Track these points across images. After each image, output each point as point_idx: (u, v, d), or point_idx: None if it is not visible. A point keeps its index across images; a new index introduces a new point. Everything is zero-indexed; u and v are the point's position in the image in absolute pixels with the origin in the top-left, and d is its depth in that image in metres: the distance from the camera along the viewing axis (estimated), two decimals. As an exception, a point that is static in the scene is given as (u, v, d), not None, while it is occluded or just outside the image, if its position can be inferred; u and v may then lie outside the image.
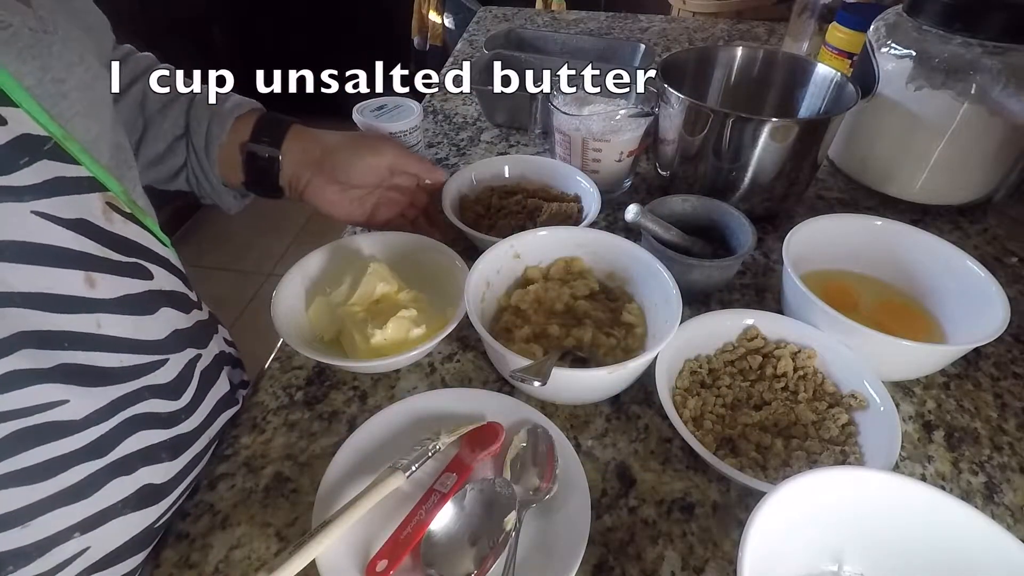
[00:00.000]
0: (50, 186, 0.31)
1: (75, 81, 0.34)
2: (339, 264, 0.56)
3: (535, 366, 0.43)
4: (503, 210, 0.65)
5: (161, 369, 0.39)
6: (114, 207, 0.35)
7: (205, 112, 0.52)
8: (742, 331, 0.51)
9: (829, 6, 0.89)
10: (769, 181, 0.63)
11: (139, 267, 0.37)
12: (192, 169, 0.54)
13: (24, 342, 0.31)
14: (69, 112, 0.34)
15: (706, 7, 1.57)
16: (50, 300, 0.31)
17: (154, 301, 0.38)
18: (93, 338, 0.34)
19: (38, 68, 0.32)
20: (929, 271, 0.55)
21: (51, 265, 0.31)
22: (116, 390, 0.36)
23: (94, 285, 0.33)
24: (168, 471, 0.40)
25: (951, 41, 0.61)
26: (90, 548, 0.36)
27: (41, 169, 0.30)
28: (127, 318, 0.36)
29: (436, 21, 1.78)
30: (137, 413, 0.38)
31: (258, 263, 2.03)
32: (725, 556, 0.40)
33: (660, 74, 0.64)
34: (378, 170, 0.56)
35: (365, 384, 0.51)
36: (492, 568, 0.37)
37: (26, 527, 0.33)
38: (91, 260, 0.33)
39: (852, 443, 0.44)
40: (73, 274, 0.32)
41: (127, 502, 0.38)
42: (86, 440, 0.34)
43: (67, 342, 0.33)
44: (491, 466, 0.43)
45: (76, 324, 0.33)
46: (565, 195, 0.66)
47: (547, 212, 0.62)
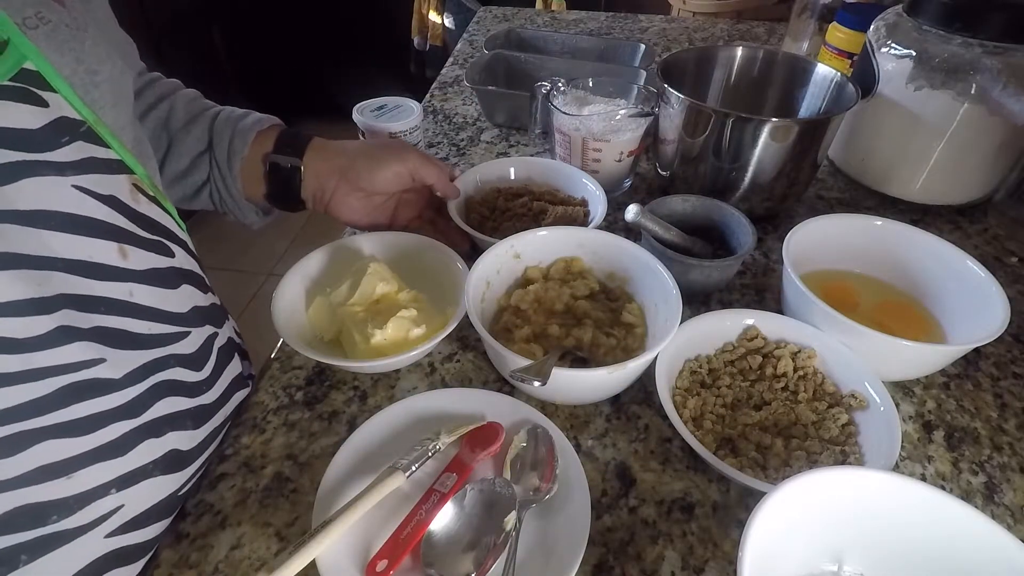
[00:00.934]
0: (86, 164, 0.34)
1: (105, 74, 0.38)
2: (339, 264, 0.56)
3: (535, 366, 0.43)
4: (508, 212, 0.64)
5: (184, 340, 0.42)
6: (139, 188, 0.38)
7: (227, 127, 0.54)
8: (742, 331, 0.51)
9: (829, 6, 0.89)
10: (769, 181, 0.63)
11: (162, 245, 0.40)
12: (215, 184, 0.56)
13: (65, 303, 0.33)
14: (101, 101, 0.37)
15: (706, 7, 1.57)
16: (88, 267, 0.34)
17: (177, 277, 0.41)
18: (126, 305, 0.37)
19: (74, 60, 0.35)
20: (929, 271, 0.55)
21: (89, 235, 0.34)
22: (147, 354, 0.38)
23: (126, 256, 0.36)
24: (192, 439, 0.43)
25: (951, 41, 0.61)
26: (124, 506, 0.38)
27: (78, 148, 0.34)
28: (155, 289, 0.39)
29: (436, 21, 1.78)
30: (165, 379, 0.40)
31: (258, 263, 2.03)
32: (725, 556, 0.40)
33: (660, 74, 0.64)
34: (402, 177, 0.57)
35: (365, 384, 0.51)
36: (492, 568, 0.37)
37: (69, 479, 0.35)
38: (123, 233, 0.36)
39: (852, 443, 0.44)
40: (108, 245, 0.35)
41: (157, 464, 0.39)
42: (122, 400, 0.37)
43: (103, 307, 0.35)
44: (491, 466, 0.43)
45: (111, 291, 0.36)
46: (572, 198, 0.66)
47: (552, 215, 0.62)
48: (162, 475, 0.40)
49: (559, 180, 0.68)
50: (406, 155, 0.57)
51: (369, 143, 0.59)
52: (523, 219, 0.63)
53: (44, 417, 0.33)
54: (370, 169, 0.56)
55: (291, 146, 0.55)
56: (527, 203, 0.64)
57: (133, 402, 0.37)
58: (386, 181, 0.56)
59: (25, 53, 0.31)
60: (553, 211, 0.62)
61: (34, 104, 0.31)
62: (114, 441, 0.37)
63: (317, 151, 0.56)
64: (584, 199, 0.65)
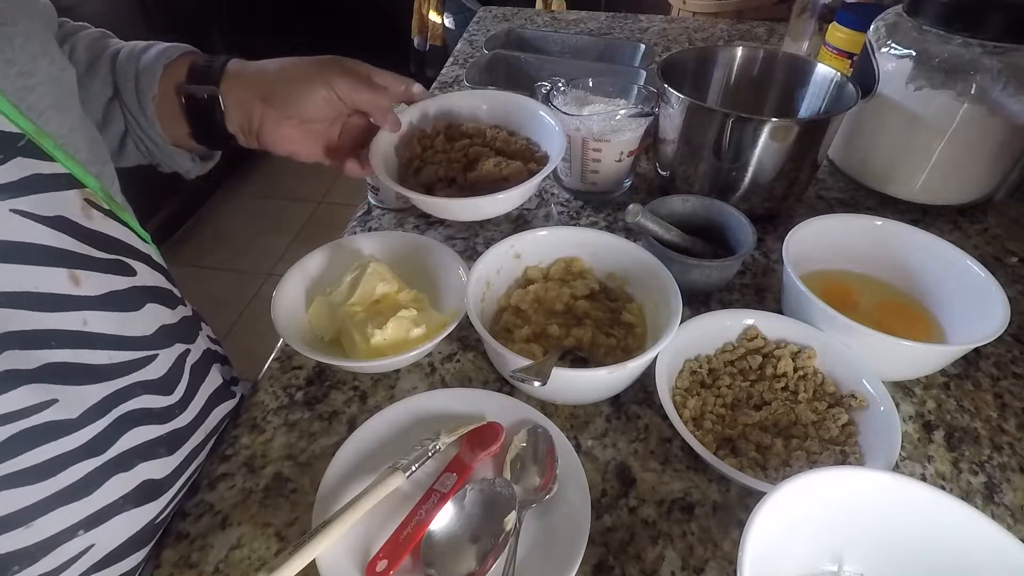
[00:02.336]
0: (27, 183, 0.30)
1: (42, 75, 0.34)
2: (339, 264, 0.55)
3: (535, 366, 0.43)
4: (442, 153, 0.56)
5: (151, 365, 0.39)
6: (92, 203, 0.35)
7: (130, 64, 0.46)
8: (742, 331, 0.51)
9: (829, 6, 0.89)
10: (769, 181, 0.63)
11: (122, 264, 0.37)
12: (135, 133, 0.48)
13: (8, 343, 0.30)
14: (40, 105, 0.33)
15: (706, 7, 1.57)
16: (35, 299, 0.31)
17: (139, 297, 0.38)
18: (80, 336, 0.34)
19: (3, 62, 0.31)
20: (929, 271, 0.55)
21: (34, 264, 0.31)
22: (106, 387, 0.36)
23: (79, 283, 0.33)
24: (166, 466, 0.40)
25: (951, 41, 0.61)
26: (94, 546, 0.36)
27: (17, 167, 0.30)
28: (113, 314, 0.36)
29: (436, 21, 1.78)
30: (130, 409, 0.37)
31: (258, 263, 2.03)
32: (725, 556, 0.40)
33: (660, 74, 0.64)
34: (332, 102, 0.49)
35: (365, 384, 0.51)
36: (492, 568, 0.37)
37: (29, 527, 0.33)
38: (74, 258, 0.33)
39: (852, 443, 0.44)
40: (57, 272, 0.32)
41: (128, 498, 0.38)
42: (82, 439, 0.34)
43: (53, 341, 0.32)
44: (491, 466, 0.43)
45: (62, 322, 0.33)
46: (530, 149, 0.58)
47: (482, 167, 0.53)
48: (135, 507, 0.38)
49: (526, 123, 0.61)
50: (333, 76, 0.48)
51: (296, 61, 0.49)
52: (452, 166, 0.55)
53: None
54: (293, 95, 0.48)
55: (206, 74, 0.47)
56: (465, 147, 0.56)
57: (96, 439, 0.35)
58: (314, 108, 0.48)
59: None
60: (484, 163, 0.54)
61: None
62: (77, 482, 0.34)
63: (235, 76, 0.48)
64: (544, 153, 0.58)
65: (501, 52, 0.92)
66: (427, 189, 0.53)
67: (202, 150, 0.53)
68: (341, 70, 0.48)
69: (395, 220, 0.68)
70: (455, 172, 0.54)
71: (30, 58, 0.33)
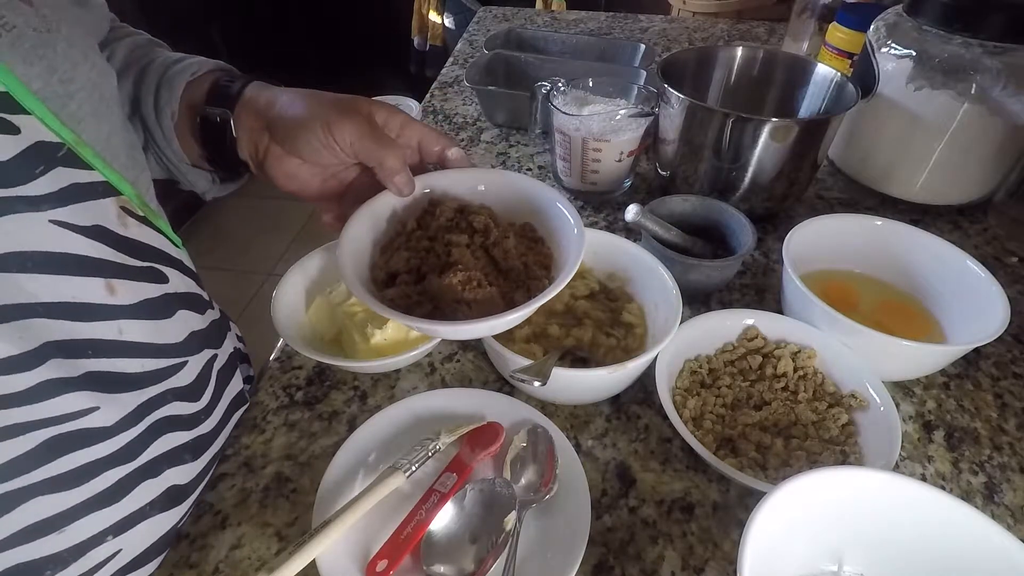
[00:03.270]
0: (66, 193, 0.30)
1: (82, 81, 0.33)
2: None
3: (535, 366, 0.43)
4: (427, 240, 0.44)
5: (181, 372, 0.39)
6: (128, 211, 0.35)
7: (154, 75, 0.44)
8: (742, 331, 0.51)
9: (829, 6, 0.89)
10: (769, 181, 0.63)
11: (155, 271, 0.37)
12: (153, 148, 0.46)
13: (52, 352, 0.31)
14: (80, 113, 0.33)
15: (706, 7, 1.57)
16: (73, 309, 0.31)
17: (171, 304, 0.38)
18: (116, 345, 0.34)
19: (45, 70, 0.31)
20: (929, 271, 0.55)
21: (72, 274, 0.31)
22: (141, 395, 0.36)
23: (114, 292, 0.33)
24: (191, 471, 0.41)
25: (951, 41, 0.61)
26: (122, 550, 0.37)
27: (56, 177, 0.30)
28: (147, 323, 0.36)
29: (436, 21, 1.78)
30: (162, 416, 0.38)
31: (258, 263, 2.03)
32: (725, 556, 0.40)
33: (660, 74, 0.64)
34: (333, 151, 0.42)
35: (365, 384, 0.51)
36: (492, 568, 0.37)
37: (62, 532, 0.33)
38: (110, 267, 0.33)
39: (852, 443, 0.44)
40: (94, 282, 0.32)
41: (154, 504, 0.38)
42: (116, 446, 0.35)
43: (91, 350, 0.33)
44: (491, 466, 0.43)
45: (99, 332, 0.33)
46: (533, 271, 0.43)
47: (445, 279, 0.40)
48: (160, 513, 0.39)
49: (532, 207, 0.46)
50: (338, 119, 0.41)
51: (309, 93, 0.44)
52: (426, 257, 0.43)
53: (30, 474, 0.31)
54: (292, 133, 0.42)
55: (224, 95, 0.44)
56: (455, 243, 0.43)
57: (128, 446, 0.35)
58: (311, 151, 0.42)
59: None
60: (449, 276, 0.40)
61: (4, 132, 0.28)
62: (108, 489, 0.35)
63: (250, 101, 0.44)
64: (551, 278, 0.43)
65: (501, 52, 0.92)
66: (389, 278, 0.42)
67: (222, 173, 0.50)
68: (349, 113, 0.41)
69: (395, 220, 0.68)
70: (428, 268, 0.42)
71: (71, 65, 0.33)
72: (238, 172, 0.49)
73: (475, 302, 0.39)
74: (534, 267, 0.43)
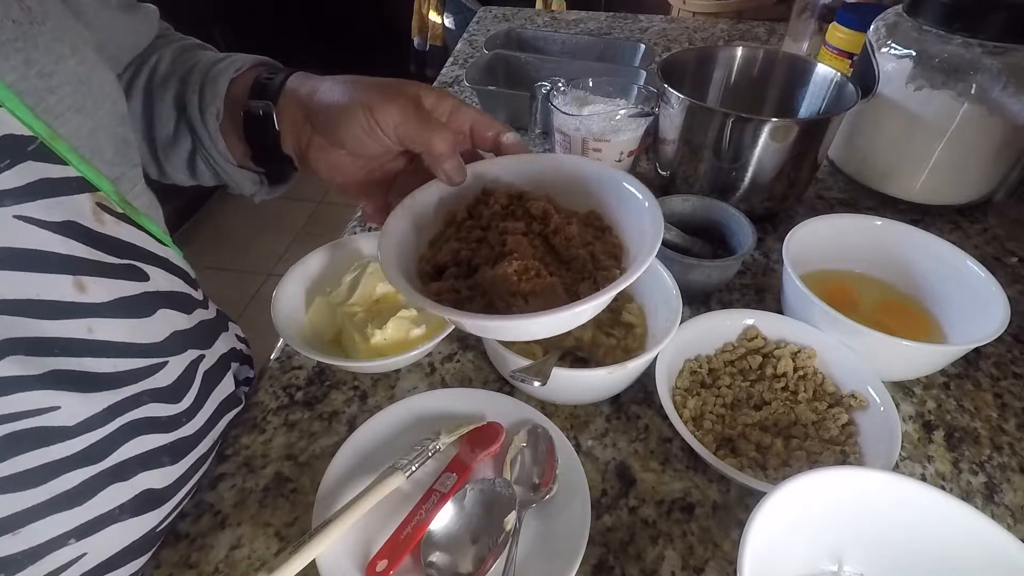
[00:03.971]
0: (35, 188, 0.30)
1: (65, 75, 0.32)
2: (339, 264, 0.55)
3: (535, 366, 0.43)
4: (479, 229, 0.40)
5: (160, 372, 0.37)
6: (105, 207, 0.33)
7: (198, 75, 0.44)
8: (742, 331, 0.51)
9: (829, 6, 0.89)
10: (769, 181, 0.63)
11: (134, 269, 0.35)
12: (201, 151, 0.46)
13: (13, 348, 0.30)
14: (59, 108, 0.32)
15: (706, 7, 1.57)
16: (38, 306, 0.30)
17: (151, 303, 0.37)
18: (84, 343, 0.33)
19: (21, 63, 0.30)
20: (929, 271, 0.55)
21: (37, 271, 0.30)
22: (112, 395, 0.35)
23: (84, 289, 0.32)
24: (169, 475, 0.39)
25: (951, 41, 0.61)
26: (87, 554, 0.35)
27: (24, 171, 0.29)
28: (122, 321, 0.34)
29: (436, 21, 1.78)
30: (136, 418, 0.36)
31: (258, 263, 2.03)
32: (725, 556, 0.40)
33: (660, 74, 0.64)
34: (375, 135, 0.39)
35: (365, 384, 0.51)
36: (492, 568, 0.37)
37: (16, 534, 0.32)
38: (80, 264, 0.32)
39: (852, 443, 0.44)
40: (61, 279, 0.31)
41: (124, 508, 0.36)
42: (79, 446, 0.33)
43: (57, 348, 0.31)
44: (491, 466, 0.43)
45: (66, 330, 0.32)
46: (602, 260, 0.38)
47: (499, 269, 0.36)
48: (133, 517, 0.37)
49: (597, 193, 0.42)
50: (380, 102, 0.38)
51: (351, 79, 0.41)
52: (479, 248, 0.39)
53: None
54: (334, 120, 0.40)
55: (266, 88, 0.43)
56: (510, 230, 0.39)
57: (94, 447, 0.34)
58: (353, 138, 0.40)
59: None
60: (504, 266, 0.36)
61: None
62: (71, 490, 0.33)
63: (292, 92, 0.42)
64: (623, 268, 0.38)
65: (501, 52, 0.92)
66: (436, 272, 0.39)
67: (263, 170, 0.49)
68: (393, 95, 0.39)
69: (395, 220, 0.68)
70: (481, 260, 0.38)
71: (54, 59, 0.32)
72: (284, 170, 0.47)
73: (533, 294, 0.35)
74: (602, 257, 0.38)
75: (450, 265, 0.38)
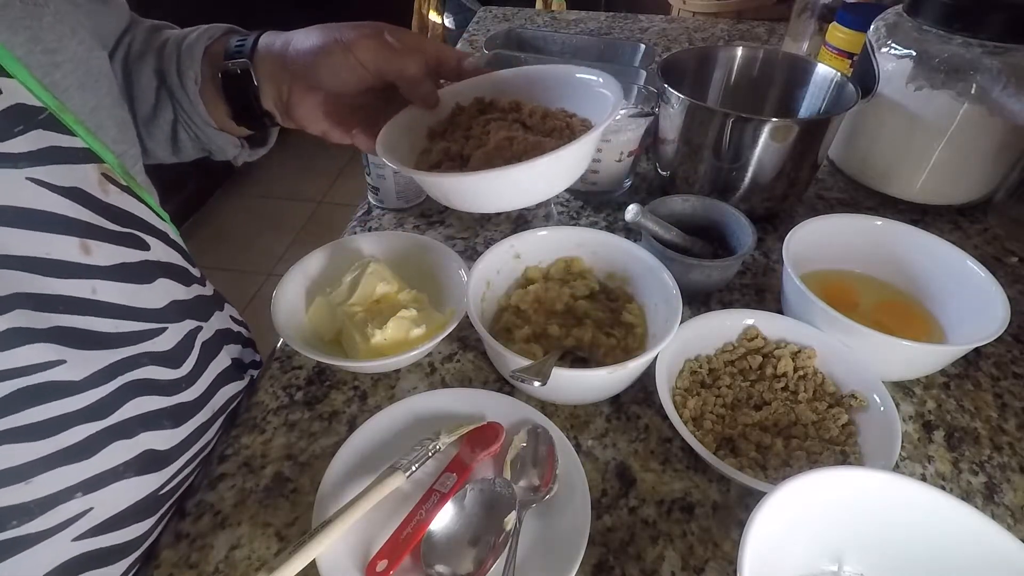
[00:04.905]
0: (45, 154, 0.31)
1: (68, 53, 0.35)
2: (339, 264, 0.56)
3: (535, 366, 0.43)
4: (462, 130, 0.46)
5: (160, 337, 0.39)
6: (110, 178, 0.35)
7: (174, 47, 0.47)
8: (742, 331, 0.51)
9: (829, 6, 0.89)
10: (769, 181, 0.63)
11: (135, 237, 0.37)
12: (183, 120, 0.48)
13: (20, 303, 0.31)
14: (64, 83, 0.34)
15: (706, 7, 1.57)
16: (45, 264, 0.32)
17: (151, 271, 0.39)
18: (88, 303, 0.34)
19: (29, 39, 0.32)
20: (929, 271, 0.55)
21: (46, 231, 0.32)
22: (113, 354, 0.36)
23: (89, 252, 0.34)
24: (171, 438, 0.40)
25: (951, 41, 0.61)
26: (93, 509, 0.36)
27: (36, 138, 0.31)
28: (124, 285, 0.36)
29: (436, 21, 1.78)
30: (136, 379, 0.38)
31: (258, 263, 2.03)
32: (725, 556, 0.40)
33: (660, 74, 0.64)
34: (356, 72, 0.43)
35: (365, 384, 0.51)
36: (492, 568, 0.37)
37: (28, 483, 0.33)
38: (86, 227, 0.34)
39: (852, 443, 0.44)
40: (68, 240, 0.33)
41: (129, 465, 0.38)
42: (85, 402, 0.35)
43: (62, 306, 0.33)
44: (491, 466, 0.43)
45: (71, 289, 0.33)
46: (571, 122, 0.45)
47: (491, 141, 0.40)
48: (137, 476, 0.38)
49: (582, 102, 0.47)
50: (356, 39, 0.43)
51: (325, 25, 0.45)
52: (465, 142, 0.44)
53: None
54: (312, 62, 0.43)
55: (240, 49, 0.46)
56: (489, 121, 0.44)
57: (99, 403, 0.35)
58: (332, 75, 0.43)
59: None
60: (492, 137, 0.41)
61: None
62: (78, 444, 0.35)
63: (266, 47, 0.46)
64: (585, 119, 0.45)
65: (501, 52, 0.92)
66: (432, 168, 0.43)
67: (245, 132, 0.52)
68: (367, 33, 0.43)
69: (395, 220, 0.68)
70: (470, 150, 0.42)
71: (57, 37, 0.34)
72: (265, 129, 0.50)
73: (526, 154, 0.38)
74: (578, 128, 0.42)
75: (443, 161, 0.42)
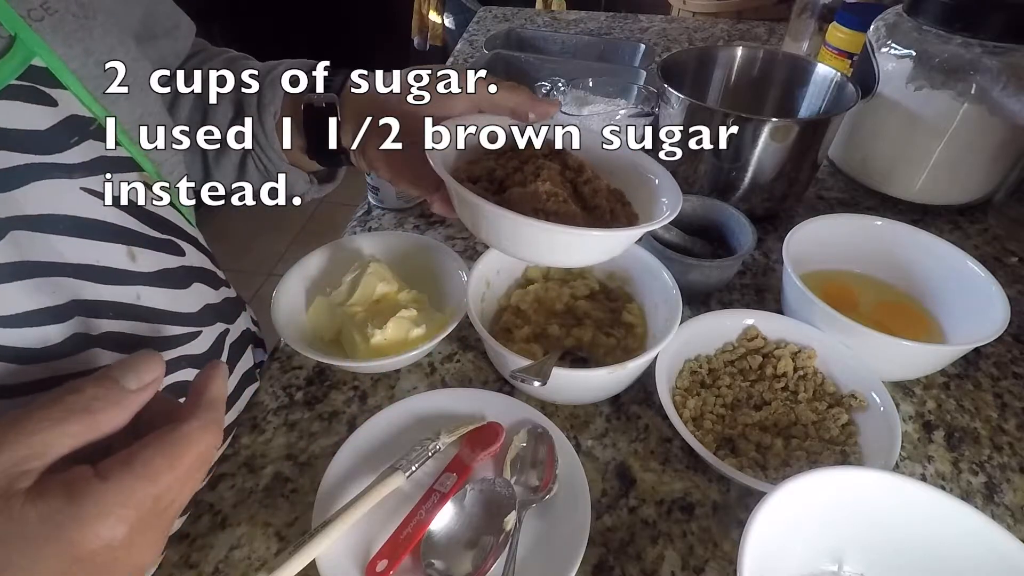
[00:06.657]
0: (96, 164, 0.33)
1: (116, 64, 0.36)
2: (339, 264, 0.55)
3: (535, 366, 0.43)
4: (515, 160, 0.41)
5: (195, 340, 0.41)
6: (150, 187, 0.37)
7: (255, 80, 0.47)
8: (742, 331, 0.51)
9: (829, 6, 0.89)
10: (769, 181, 0.63)
11: (173, 244, 0.39)
12: (255, 151, 0.48)
13: (77, 310, 0.33)
14: (112, 94, 0.36)
15: (706, 7, 1.57)
16: (97, 272, 0.34)
17: (187, 276, 0.41)
18: (133, 309, 0.36)
19: (82, 52, 0.33)
20: (929, 271, 0.55)
21: (97, 239, 0.33)
22: None
23: (135, 259, 0.36)
24: None
25: (951, 41, 0.61)
26: None
27: (88, 148, 0.33)
28: (164, 291, 0.38)
29: (436, 21, 1.79)
30: (175, 382, 0.39)
31: (258, 263, 2.03)
32: (725, 556, 0.40)
33: (660, 74, 0.64)
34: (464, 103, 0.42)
35: (365, 384, 0.51)
36: (492, 568, 0.37)
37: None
38: (132, 235, 0.35)
39: (852, 443, 0.44)
40: (116, 247, 0.35)
41: None
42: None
43: (112, 312, 0.35)
44: (491, 466, 0.43)
45: (118, 295, 0.35)
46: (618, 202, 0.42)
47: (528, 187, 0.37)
48: None
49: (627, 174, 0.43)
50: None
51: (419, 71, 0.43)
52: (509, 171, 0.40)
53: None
54: (407, 107, 0.41)
55: (327, 85, 0.46)
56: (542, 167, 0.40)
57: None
58: (442, 108, 0.41)
59: (33, 48, 0.30)
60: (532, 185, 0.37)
61: (43, 103, 0.30)
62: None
63: (357, 86, 0.45)
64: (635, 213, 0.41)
65: (501, 52, 0.92)
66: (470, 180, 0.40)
67: (319, 170, 0.51)
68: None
69: (395, 220, 0.68)
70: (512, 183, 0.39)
71: (107, 49, 0.35)
72: (338, 162, 0.49)
73: (556, 216, 0.36)
74: (621, 217, 0.40)
75: (483, 179, 0.40)
